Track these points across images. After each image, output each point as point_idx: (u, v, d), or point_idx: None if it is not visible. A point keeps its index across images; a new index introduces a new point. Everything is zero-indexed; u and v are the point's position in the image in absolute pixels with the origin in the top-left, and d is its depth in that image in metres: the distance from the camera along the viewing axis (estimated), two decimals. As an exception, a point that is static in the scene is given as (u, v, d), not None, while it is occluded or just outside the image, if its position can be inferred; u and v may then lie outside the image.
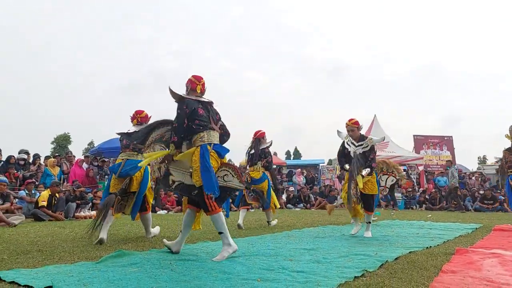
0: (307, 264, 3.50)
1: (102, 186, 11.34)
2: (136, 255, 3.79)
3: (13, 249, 4.16)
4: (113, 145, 14.39)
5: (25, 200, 8.73)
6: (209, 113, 3.98)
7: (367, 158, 5.51)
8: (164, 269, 3.19)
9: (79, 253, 3.97)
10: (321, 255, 3.98)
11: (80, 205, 9.40)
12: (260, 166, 7.14)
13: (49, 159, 11.81)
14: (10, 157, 10.91)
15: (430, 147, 20.21)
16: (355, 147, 5.59)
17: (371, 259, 3.69)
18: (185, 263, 3.46)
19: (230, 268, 3.26)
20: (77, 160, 12.63)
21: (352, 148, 5.61)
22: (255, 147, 7.22)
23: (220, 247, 3.83)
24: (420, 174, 18.58)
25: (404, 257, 3.90)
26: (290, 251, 4.22)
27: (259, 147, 7.19)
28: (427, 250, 4.45)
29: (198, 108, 3.89)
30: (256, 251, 4.21)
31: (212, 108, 4.09)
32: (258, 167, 7.13)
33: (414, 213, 12.49)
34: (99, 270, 3.09)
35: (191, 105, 3.86)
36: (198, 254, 3.94)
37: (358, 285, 2.76)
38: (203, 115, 3.90)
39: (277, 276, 3.00)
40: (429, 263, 3.60)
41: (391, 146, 17.70)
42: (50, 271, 3.02)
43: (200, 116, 3.87)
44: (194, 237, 5.42)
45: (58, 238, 5.19)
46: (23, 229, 6.36)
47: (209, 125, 3.90)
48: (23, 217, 7.62)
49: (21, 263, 3.40)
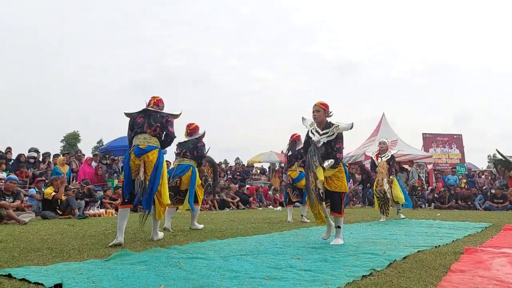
0: (315, 262, 3.50)
1: (111, 185, 11.42)
2: (144, 254, 3.82)
3: (24, 246, 4.21)
4: (122, 143, 14.45)
5: (35, 198, 8.82)
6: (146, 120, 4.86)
7: (332, 148, 4.67)
8: (172, 267, 3.20)
9: (88, 250, 4.00)
10: (329, 253, 3.97)
11: (89, 203, 9.49)
12: (297, 165, 7.72)
13: (59, 157, 11.92)
14: (21, 155, 11.03)
15: (439, 146, 20.07)
16: (319, 136, 4.75)
17: (379, 258, 3.68)
18: (193, 261, 3.48)
19: (237, 267, 3.27)
20: (86, 159, 12.73)
21: (316, 137, 4.76)
22: (291, 148, 7.84)
23: (228, 245, 3.83)
24: (429, 172, 18.46)
25: (412, 256, 3.88)
26: (297, 250, 4.22)
27: (295, 149, 7.76)
28: (435, 249, 4.42)
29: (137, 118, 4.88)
30: (264, 249, 4.21)
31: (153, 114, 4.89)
32: (295, 167, 7.76)
33: (422, 212, 12.42)
34: (108, 268, 3.12)
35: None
36: (206, 252, 3.95)
37: (366, 284, 2.75)
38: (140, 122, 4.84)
39: (285, 274, 3.00)
40: (437, 262, 3.58)
41: (400, 145, 17.58)
42: (60, 269, 3.05)
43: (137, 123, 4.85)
44: (202, 235, 5.45)
45: (67, 235, 5.25)
46: (33, 226, 6.43)
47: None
48: (33, 215, 7.71)
49: (31, 260, 3.44)
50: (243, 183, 15.52)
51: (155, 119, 4.82)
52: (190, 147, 6.25)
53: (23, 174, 10.17)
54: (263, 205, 14.15)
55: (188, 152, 6.21)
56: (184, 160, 6.19)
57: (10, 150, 11.60)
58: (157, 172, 4.61)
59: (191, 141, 6.31)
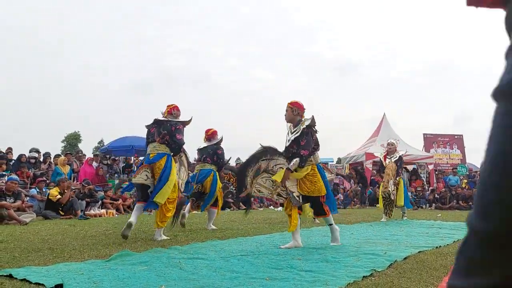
0: (316, 263, 3.50)
1: (112, 185, 11.43)
2: (145, 254, 3.82)
3: (24, 247, 4.21)
4: (122, 144, 14.49)
5: (36, 198, 8.83)
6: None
7: (298, 146, 4.41)
8: (173, 268, 3.21)
9: (89, 251, 4.01)
10: (330, 254, 3.97)
11: (90, 203, 9.49)
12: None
13: (60, 157, 11.92)
14: (22, 155, 11.03)
15: (440, 146, 20.03)
16: (290, 135, 4.55)
17: (380, 258, 3.67)
18: (194, 262, 3.48)
19: (238, 267, 3.27)
20: (87, 159, 12.73)
21: (288, 137, 4.58)
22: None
23: (229, 245, 3.84)
24: (430, 173, 18.43)
25: (413, 256, 3.88)
26: (298, 250, 4.22)
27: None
28: (436, 249, 4.42)
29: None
30: (264, 250, 4.22)
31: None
32: None
33: (423, 212, 12.41)
34: (109, 268, 3.12)
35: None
36: (206, 253, 3.95)
37: (366, 284, 2.75)
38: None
39: (285, 275, 3.00)
40: (438, 262, 3.58)
41: (401, 145, 17.57)
42: (61, 269, 3.06)
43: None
44: (203, 235, 5.45)
45: (68, 236, 5.25)
46: (34, 227, 6.44)
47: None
48: (34, 215, 7.72)
49: (32, 261, 3.44)
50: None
51: (165, 128, 5.26)
52: (210, 152, 6.63)
53: (24, 175, 10.17)
54: (263, 205, 14.14)
55: (208, 157, 6.59)
56: (205, 165, 6.58)
57: (11, 151, 11.60)
58: (163, 176, 5.07)
59: (210, 147, 6.67)
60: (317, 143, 4.62)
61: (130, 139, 14.38)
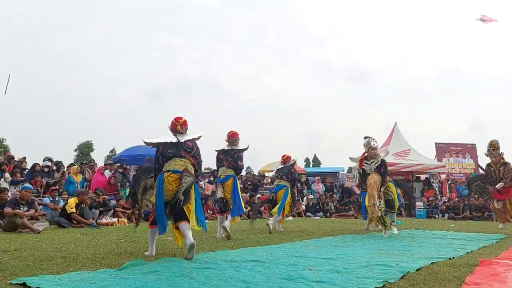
0: (327, 274, 3.48)
1: (123, 194, 11.49)
2: (156, 263, 3.84)
3: (38, 255, 4.26)
4: (134, 153, 14.59)
5: (49, 207, 8.92)
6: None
7: None
8: (184, 277, 3.21)
9: (101, 260, 4.04)
10: (341, 265, 3.94)
11: (103, 212, 9.56)
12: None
13: (73, 166, 12.06)
14: (35, 164, 11.18)
15: (452, 155, 19.84)
16: None
17: (392, 269, 3.64)
18: (205, 271, 3.48)
19: (249, 277, 3.27)
20: (99, 168, 12.85)
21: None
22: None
23: (239, 255, 3.84)
24: (442, 182, 18.23)
25: (426, 268, 3.84)
26: (309, 260, 4.20)
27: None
28: (449, 261, 4.36)
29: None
30: (275, 260, 4.20)
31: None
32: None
33: (436, 223, 12.27)
34: (121, 278, 3.14)
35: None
36: (217, 262, 3.96)
37: (378, 296, 2.73)
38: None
39: (296, 286, 2.99)
40: (451, 274, 3.54)
41: (413, 154, 17.44)
42: (73, 278, 3.09)
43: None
44: (214, 245, 5.45)
45: (80, 244, 5.30)
46: (47, 235, 6.50)
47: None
48: (47, 224, 7.79)
49: (45, 269, 3.48)
50: (254, 193, 15.50)
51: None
52: (286, 171, 7.96)
53: (37, 183, 10.30)
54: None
55: (284, 175, 7.94)
56: (281, 181, 7.96)
57: (25, 159, 11.76)
58: (236, 191, 6.60)
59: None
60: None
61: (142, 149, 14.48)
